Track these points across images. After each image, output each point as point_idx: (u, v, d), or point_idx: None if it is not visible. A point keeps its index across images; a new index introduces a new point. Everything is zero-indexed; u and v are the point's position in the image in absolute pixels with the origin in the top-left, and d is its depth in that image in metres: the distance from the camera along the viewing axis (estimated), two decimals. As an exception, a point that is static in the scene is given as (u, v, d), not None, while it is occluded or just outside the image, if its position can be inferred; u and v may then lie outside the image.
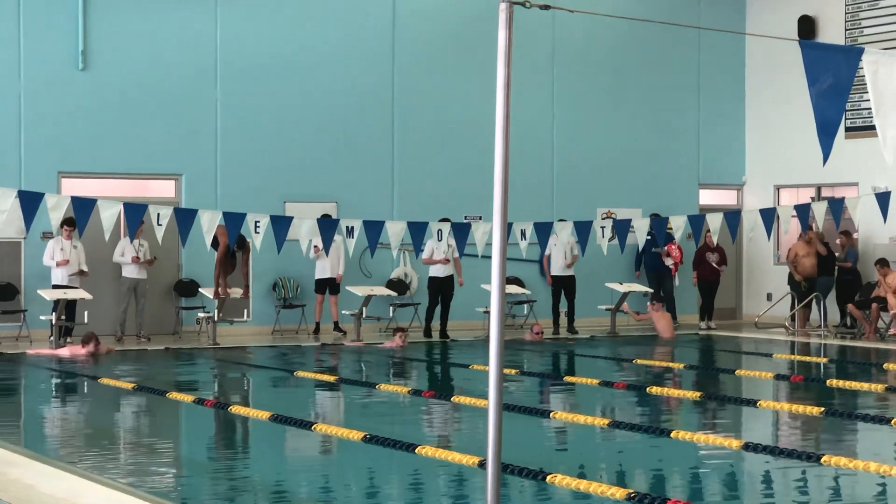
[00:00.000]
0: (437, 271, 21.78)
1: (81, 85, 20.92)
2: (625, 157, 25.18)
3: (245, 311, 21.66)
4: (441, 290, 21.82)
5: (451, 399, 14.18)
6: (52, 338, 19.52)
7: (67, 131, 20.82)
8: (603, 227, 20.88)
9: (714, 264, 24.37)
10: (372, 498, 9.56)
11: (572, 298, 23.09)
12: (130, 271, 20.78)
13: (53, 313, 19.46)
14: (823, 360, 19.19)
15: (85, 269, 20.21)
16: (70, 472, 9.80)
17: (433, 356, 19.64)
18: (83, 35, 20.88)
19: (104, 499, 8.91)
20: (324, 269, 21.76)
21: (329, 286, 21.85)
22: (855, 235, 23.86)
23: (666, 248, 24.07)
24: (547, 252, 22.78)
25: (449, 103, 23.59)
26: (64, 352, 18.64)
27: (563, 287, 23.10)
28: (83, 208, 16.73)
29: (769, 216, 20.13)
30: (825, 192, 24.87)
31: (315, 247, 20.64)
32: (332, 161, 22.63)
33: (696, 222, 20.67)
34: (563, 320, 23.11)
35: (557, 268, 23.04)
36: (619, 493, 8.95)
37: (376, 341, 20.93)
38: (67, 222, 19.04)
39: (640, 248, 24.16)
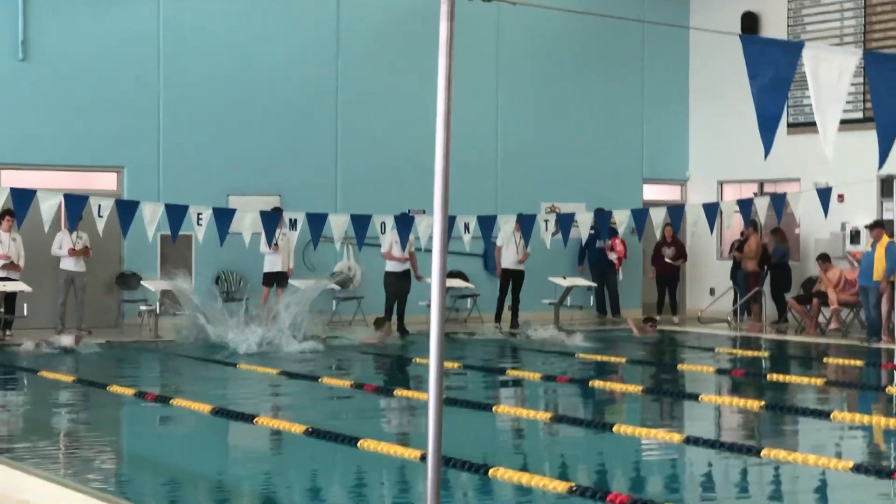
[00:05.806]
0: (394, 266, 21.61)
1: (21, 76, 20.66)
2: (569, 152, 25.23)
3: (187, 304, 21.48)
4: (399, 285, 21.73)
5: (394, 393, 14.16)
6: (-9, 330, 19.34)
7: (6, 122, 20.56)
8: (546, 221, 20.90)
9: (669, 259, 24.43)
10: (314, 491, 9.53)
11: (518, 293, 23.03)
12: (68, 264, 20.49)
13: (-7, 306, 19.28)
14: (765, 355, 19.33)
15: (19, 262, 19.86)
16: (7, 465, 9.69)
17: (376, 350, 19.57)
18: (23, 25, 20.63)
19: (42, 492, 8.82)
20: (274, 263, 21.48)
21: (277, 280, 21.70)
22: (797, 231, 24.05)
23: (609, 242, 24.14)
24: (500, 244, 22.67)
25: (393, 96, 23.53)
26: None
27: (512, 280, 22.99)
28: (22, 200, 16.58)
29: (712, 211, 20.25)
30: (768, 188, 25.04)
31: (276, 244, 20.52)
32: (276, 154, 22.51)
33: (640, 217, 20.77)
34: (506, 314, 23.08)
35: (509, 261, 22.93)
36: (562, 486, 8.96)
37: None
38: (7, 213, 18.83)
39: (584, 243, 24.21)
